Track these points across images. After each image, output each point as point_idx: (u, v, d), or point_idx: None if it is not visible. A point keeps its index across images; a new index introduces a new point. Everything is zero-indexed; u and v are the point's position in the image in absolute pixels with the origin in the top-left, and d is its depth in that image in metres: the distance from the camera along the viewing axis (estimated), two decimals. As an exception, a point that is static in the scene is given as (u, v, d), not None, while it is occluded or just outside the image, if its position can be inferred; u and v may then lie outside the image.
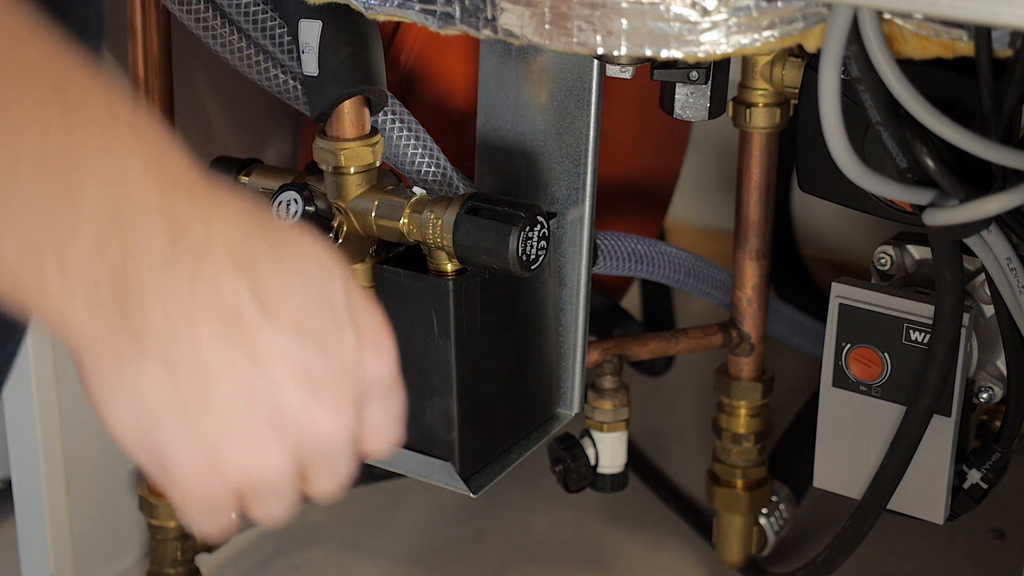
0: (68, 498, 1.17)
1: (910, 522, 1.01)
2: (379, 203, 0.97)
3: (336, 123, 0.96)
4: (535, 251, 0.93)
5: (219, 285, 0.56)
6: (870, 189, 0.83)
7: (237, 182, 1.05)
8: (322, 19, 0.94)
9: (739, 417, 1.15)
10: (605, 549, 1.32)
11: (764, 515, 1.19)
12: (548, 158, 1.02)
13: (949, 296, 0.90)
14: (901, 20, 0.78)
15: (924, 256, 1.00)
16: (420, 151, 1.01)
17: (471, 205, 0.93)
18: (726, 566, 1.21)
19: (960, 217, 0.82)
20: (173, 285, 0.55)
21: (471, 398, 0.97)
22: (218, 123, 1.25)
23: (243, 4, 0.97)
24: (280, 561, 1.29)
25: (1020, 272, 0.89)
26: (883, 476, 0.97)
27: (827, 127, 0.79)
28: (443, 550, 1.30)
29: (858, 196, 0.91)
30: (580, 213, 1.02)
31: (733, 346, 1.13)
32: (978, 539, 1.30)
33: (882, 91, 0.79)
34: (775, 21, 0.79)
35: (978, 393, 0.97)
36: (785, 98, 1.05)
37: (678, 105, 1.00)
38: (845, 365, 0.98)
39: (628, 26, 0.80)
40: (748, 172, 1.08)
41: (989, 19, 0.70)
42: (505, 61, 1.02)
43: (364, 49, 0.95)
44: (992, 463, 0.98)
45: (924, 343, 0.94)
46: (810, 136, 0.95)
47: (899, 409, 0.96)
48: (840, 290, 0.97)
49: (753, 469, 1.16)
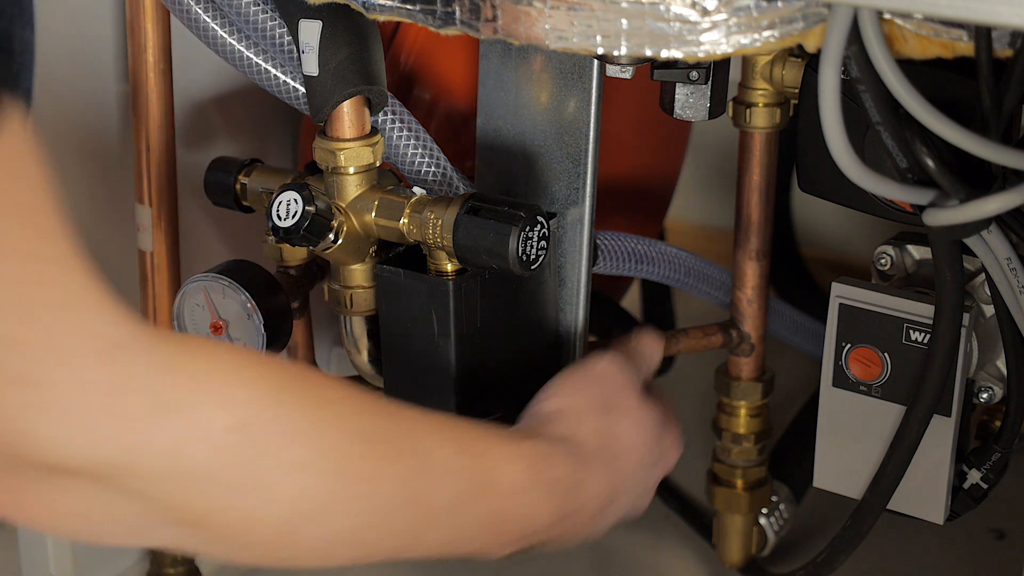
0: (68, 498, 1.17)
1: (910, 522, 1.01)
2: (379, 203, 0.97)
3: (336, 123, 0.96)
4: (535, 251, 0.93)
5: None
6: (870, 189, 0.83)
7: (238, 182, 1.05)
8: (322, 19, 0.94)
9: (739, 417, 1.15)
10: (605, 549, 1.32)
11: (764, 515, 1.19)
12: (548, 158, 1.02)
13: (949, 296, 0.90)
14: (901, 20, 0.78)
15: (924, 256, 1.00)
16: (420, 151, 1.01)
17: (471, 205, 0.93)
18: (726, 566, 1.21)
19: (960, 217, 0.82)
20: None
21: (471, 398, 0.97)
22: (218, 123, 1.25)
23: (242, 4, 0.97)
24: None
25: (1020, 272, 0.89)
26: (883, 476, 0.97)
27: (827, 127, 0.79)
28: (443, 550, 1.30)
29: (858, 196, 0.91)
30: (580, 213, 1.01)
31: (733, 346, 1.13)
32: (978, 539, 1.30)
33: (882, 91, 0.79)
34: (775, 21, 0.79)
35: (978, 393, 0.97)
36: (785, 98, 1.05)
37: (678, 105, 1.00)
38: (845, 365, 0.98)
39: (628, 26, 0.80)
40: (748, 172, 1.08)
41: (989, 19, 0.70)
42: (505, 61, 1.02)
43: (364, 49, 0.95)
44: (992, 463, 0.98)
45: (924, 343, 0.94)
46: (810, 136, 0.95)
47: (899, 409, 0.96)
48: (840, 290, 0.97)
49: (753, 469, 1.16)
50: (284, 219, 0.95)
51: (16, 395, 0.59)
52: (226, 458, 0.65)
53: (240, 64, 0.99)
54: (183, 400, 0.63)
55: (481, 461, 0.75)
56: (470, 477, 0.74)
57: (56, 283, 0.59)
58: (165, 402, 0.63)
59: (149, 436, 0.62)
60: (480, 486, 0.75)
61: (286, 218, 0.95)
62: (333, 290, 1.02)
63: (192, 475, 0.64)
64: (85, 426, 0.60)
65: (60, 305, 0.59)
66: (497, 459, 0.76)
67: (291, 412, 0.67)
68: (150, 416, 0.62)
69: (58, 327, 0.59)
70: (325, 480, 0.68)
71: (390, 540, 0.71)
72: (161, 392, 0.62)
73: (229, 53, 0.99)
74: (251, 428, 0.65)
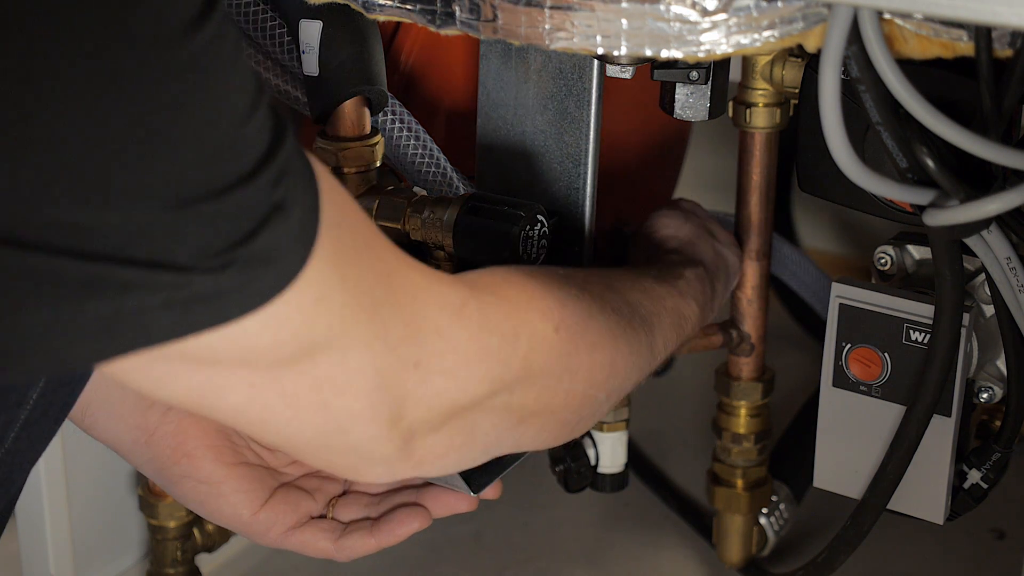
0: (68, 498, 1.17)
1: (910, 522, 1.01)
2: (379, 203, 0.97)
3: (336, 123, 0.96)
4: (535, 251, 0.93)
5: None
6: (870, 189, 0.83)
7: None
8: (322, 19, 0.94)
9: (739, 417, 1.15)
10: (605, 549, 1.32)
11: (764, 515, 1.19)
12: (548, 158, 1.02)
13: (949, 296, 0.90)
14: (901, 20, 0.78)
15: (924, 256, 1.00)
16: (420, 151, 1.01)
17: (471, 205, 0.93)
18: (726, 566, 1.21)
19: (960, 217, 0.82)
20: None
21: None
22: (218, 123, 1.25)
23: (242, 4, 0.97)
24: (279, 561, 1.29)
25: (1020, 272, 0.89)
26: (883, 476, 0.97)
27: (827, 127, 0.79)
28: (443, 550, 1.30)
29: (858, 196, 0.91)
30: (580, 213, 1.02)
31: (733, 346, 1.13)
32: (978, 539, 1.30)
33: (882, 91, 0.79)
34: (775, 21, 0.79)
35: (978, 393, 0.97)
36: (785, 98, 1.05)
37: (678, 105, 1.00)
38: (845, 365, 0.98)
39: (628, 26, 0.80)
40: (748, 172, 1.08)
41: (989, 19, 0.70)
42: (505, 61, 1.02)
43: (364, 49, 0.95)
44: (992, 463, 0.98)
45: (924, 343, 0.94)
46: (810, 136, 0.95)
47: (899, 409, 0.96)
48: (840, 290, 0.97)
49: (753, 469, 1.16)
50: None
51: (414, 378, 0.72)
52: (558, 352, 0.82)
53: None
54: (523, 322, 0.79)
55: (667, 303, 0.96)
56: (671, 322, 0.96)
57: (410, 278, 0.73)
58: (513, 330, 0.78)
59: (508, 360, 0.78)
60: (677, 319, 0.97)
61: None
62: (333, 290, 1.02)
63: (539, 374, 0.80)
64: (465, 376, 0.75)
65: (419, 292, 0.73)
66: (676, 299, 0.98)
67: (578, 305, 0.84)
68: (506, 345, 0.78)
69: (426, 312, 0.73)
70: (607, 352, 0.86)
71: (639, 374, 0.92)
72: (506, 323, 0.78)
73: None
74: (565, 324, 0.82)
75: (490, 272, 0.82)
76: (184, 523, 1.17)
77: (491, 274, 0.82)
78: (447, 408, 0.75)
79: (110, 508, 1.21)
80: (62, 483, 1.16)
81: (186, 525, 1.17)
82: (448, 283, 0.76)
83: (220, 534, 1.20)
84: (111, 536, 1.22)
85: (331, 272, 0.65)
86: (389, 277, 0.71)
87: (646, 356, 0.91)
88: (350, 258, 0.67)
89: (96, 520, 1.20)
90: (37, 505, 1.15)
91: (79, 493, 1.17)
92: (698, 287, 1.01)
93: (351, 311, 0.67)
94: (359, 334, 0.68)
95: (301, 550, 0.91)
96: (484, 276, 0.81)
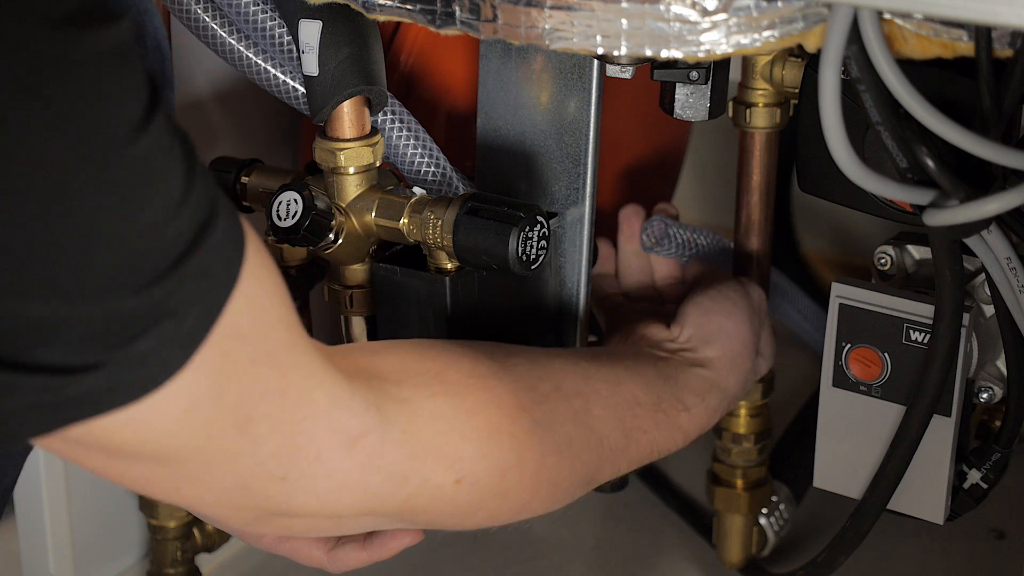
0: (68, 498, 1.17)
1: (910, 522, 1.01)
2: (379, 203, 0.97)
3: (336, 123, 0.96)
4: (535, 251, 0.93)
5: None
6: (870, 189, 0.83)
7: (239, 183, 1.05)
8: (322, 19, 0.94)
9: (739, 417, 1.15)
10: (605, 549, 1.32)
11: (764, 515, 1.19)
12: (548, 158, 1.02)
13: (949, 296, 0.90)
14: (901, 20, 0.78)
15: (924, 256, 1.00)
16: (420, 151, 1.01)
17: (471, 205, 0.93)
18: (726, 566, 1.21)
19: (960, 217, 0.82)
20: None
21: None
22: (218, 123, 1.25)
23: (242, 4, 0.97)
24: (279, 562, 1.29)
25: (1020, 272, 0.89)
26: (883, 476, 0.97)
27: (827, 127, 0.79)
28: (442, 550, 1.30)
29: (858, 196, 0.91)
30: (580, 213, 1.02)
31: (733, 346, 1.13)
32: (978, 539, 1.30)
33: (882, 91, 0.79)
34: (775, 21, 0.79)
35: (978, 393, 0.97)
36: (785, 98, 1.05)
37: (678, 105, 1.00)
38: (845, 365, 0.98)
39: (628, 26, 0.80)
40: (748, 172, 1.08)
41: (989, 19, 0.70)
42: (505, 61, 1.02)
43: (364, 49, 0.95)
44: (992, 463, 0.98)
45: (924, 343, 0.94)
46: (810, 136, 0.95)
47: (899, 409, 0.96)
48: (840, 290, 0.97)
49: (753, 469, 1.16)
50: (284, 219, 0.95)
51: (278, 489, 0.72)
52: (453, 503, 0.79)
53: (240, 64, 0.99)
54: (416, 470, 0.76)
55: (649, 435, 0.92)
56: (667, 424, 0.93)
57: (309, 398, 0.71)
58: (403, 475, 0.76)
59: (386, 499, 0.76)
60: (669, 430, 0.94)
61: (286, 218, 0.95)
62: (333, 290, 1.02)
63: (422, 514, 0.79)
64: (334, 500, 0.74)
65: (312, 415, 0.71)
66: (686, 403, 0.95)
67: (504, 454, 0.80)
68: (388, 485, 0.75)
69: (313, 434, 0.71)
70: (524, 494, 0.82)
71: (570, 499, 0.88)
72: (397, 466, 0.75)
73: (229, 53, 0.99)
74: (474, 478, 0.79)
75: (443, 383, 0.80)
76: (184, 523, 1.17)
77: (442, 386, 0.80)
78: (309, 514, 0.76)
79: (110, 508, 1.21)
80: (62, 483, 1.16)
81: (186, 525, 1.17)
82: (355, 412, 0.74)
83: (220, 534, 1.20)
84: (111, 536, 1.22)
85: (208, 384, 0.65)
86: (283, 394, 0.70)
87: (582, 484, 0.88)
88: (239, 371, 0.67)
89: (96, 520, 1.20)
90: (37, 505, 1.15)
91: (79, 493, 1.17)
92: (704, 420, 0.98)
93: (219, 427, 0.67)
94: (225, 447, 0.69)
95: (293, 557, 0.91)
96: (432, 388, 0.79)
